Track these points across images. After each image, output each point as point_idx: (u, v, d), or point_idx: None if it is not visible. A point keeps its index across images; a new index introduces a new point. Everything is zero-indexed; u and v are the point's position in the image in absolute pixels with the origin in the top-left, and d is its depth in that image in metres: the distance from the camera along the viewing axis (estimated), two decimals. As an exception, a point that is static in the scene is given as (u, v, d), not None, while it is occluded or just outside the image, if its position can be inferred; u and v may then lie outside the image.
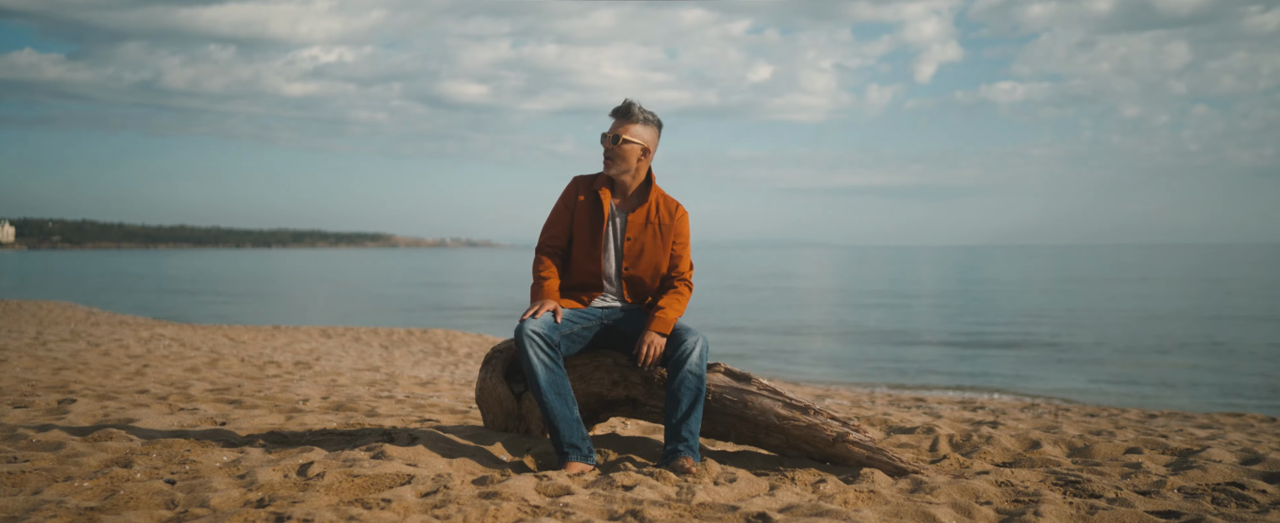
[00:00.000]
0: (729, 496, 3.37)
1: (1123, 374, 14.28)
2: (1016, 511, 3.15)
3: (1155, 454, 4.30)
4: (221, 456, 3.95)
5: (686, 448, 3.82)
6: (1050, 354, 16.62)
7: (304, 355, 11.94)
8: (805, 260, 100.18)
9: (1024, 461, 4.19)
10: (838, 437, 3.83)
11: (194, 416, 5.22)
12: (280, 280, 51.88)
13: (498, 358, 4.32)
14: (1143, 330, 20.63)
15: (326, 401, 6.03)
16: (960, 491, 3.41)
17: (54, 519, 2.98)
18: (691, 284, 4.17)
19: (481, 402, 4.35)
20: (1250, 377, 14.06)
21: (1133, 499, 3.31)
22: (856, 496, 3.35)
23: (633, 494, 3.29)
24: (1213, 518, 3.04)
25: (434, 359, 12.61)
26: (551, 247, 4.18)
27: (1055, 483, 3.63)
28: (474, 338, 15.78)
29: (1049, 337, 19.16)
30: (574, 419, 3.89)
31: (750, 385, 4.05)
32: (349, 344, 14.37)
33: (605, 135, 4.08)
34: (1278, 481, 3.74)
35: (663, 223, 4.10)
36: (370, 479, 3.49)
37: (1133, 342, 18.48)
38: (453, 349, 13.98)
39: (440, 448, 3.98)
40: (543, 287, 4.10)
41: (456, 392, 7.01)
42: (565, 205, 4.17)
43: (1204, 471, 3.86)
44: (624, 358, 4.18)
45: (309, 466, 3.69)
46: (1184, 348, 17.47)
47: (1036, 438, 4.62)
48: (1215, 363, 15.55)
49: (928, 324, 22.51)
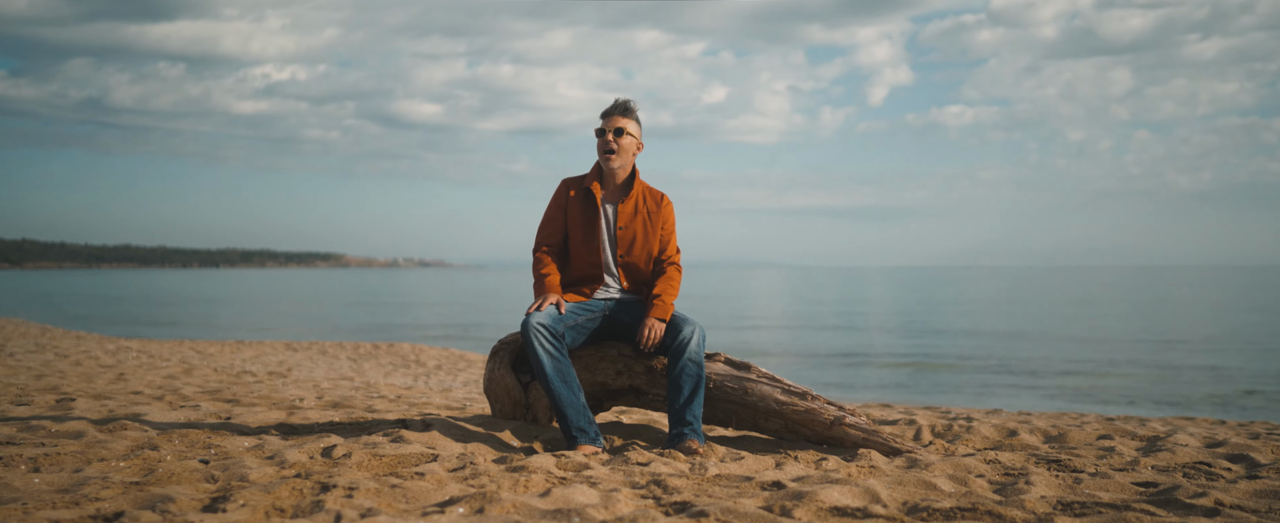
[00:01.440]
0: (740, 470, 3.59)
1: (1075, 391, 14.71)
2: (1008, 482, 3.41)
3: (1125, 440, 4.58)
4: (242, 442, 4.10)
5: (691, 431, 4.03)
6: (1003, 374, 17.03)
7: (275, 367, 11.98)
8: (758, 281, 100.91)
9: (1005, 446, 4.46)
10: (835, 420, 4.07)
11: (197, 411, 5.34)
12: (232, 299, 51.34)
13: (505, 350, 4.51)
14: (1090, 351, 21.18)
15: (321, 400, 6.17)
16: (953, 467, 3.66)
17: (107, 490, 3.12)
18: (681, 267, 4.43)
19: (489, 392, 4.53)
20: (1196, 391, 14.54)
21: (1112, 474, 3.58)
22: (858, 470, 3.59)
23: (649, 469, 3.50)
24: (1188, 486, 3.31)
25: (405, 371, 12.70)
26: (548, 245, 4.41)
27: (1039, 462, 3.90)
28: (442, 351, 15.86)
29: (1002, 357, 19.61)
30: (581, 405, 4.09)
31: (750, 373, 4.27)
32: (316, 357, 14.40)
33: (605, 130, 4.32)
34: (1241, 461, 4.03)
35: (651, 211, 4.36)
36: (397, 458, 3.66)
37: (1081, 361, 18.99)
38: (422, 362, 14.06)
39: (454, 434, 4.16)
40: (545, 282, 4.32)
41: (444, 395, 7.16)
42: (557, 205, 4.42)
43: (1173, 453, 4.14)
44: (628, 349, 4.40)
45: (332, 448, 3.85)
46: (1132, 366, 17.99)
47: (1013, 427, 4.90)
48: (1161, 381, 16.05)
49: (880, 344, 22.91)
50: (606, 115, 4.37)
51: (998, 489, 3.32)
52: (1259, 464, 3.94)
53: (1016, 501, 3.08)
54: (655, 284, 4.34)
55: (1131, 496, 3.24)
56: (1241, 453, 4.16)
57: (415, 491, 3.11)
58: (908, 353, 20.26)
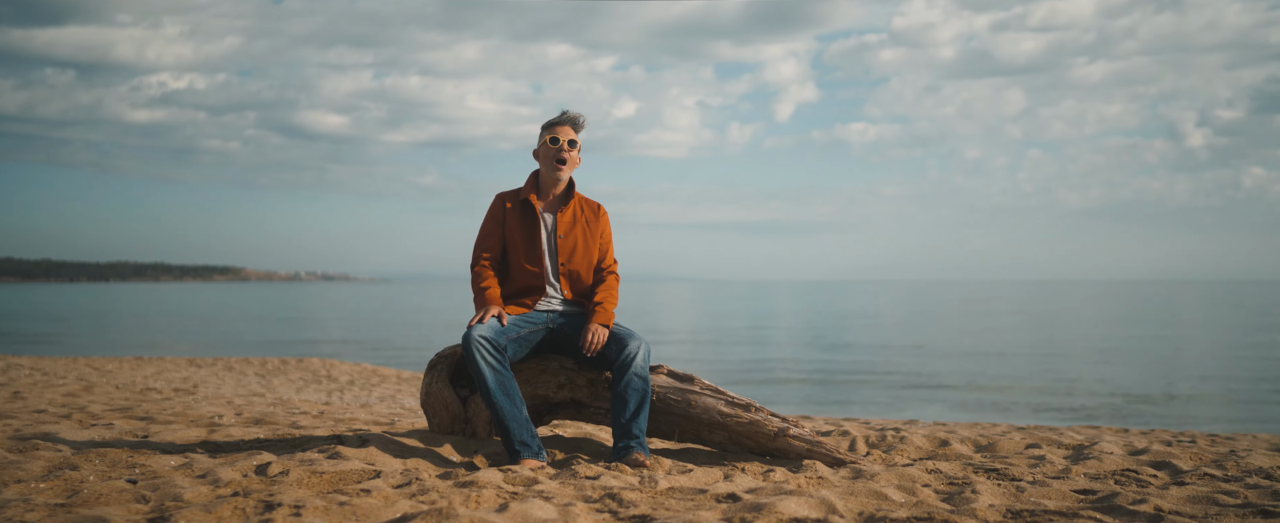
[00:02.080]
0: (690, 482, 3.57)
1: (980, 402, 15.07)
2: (954, 491, 3.45)
3: (1053, 449, 4.69)
4: (168, 460, 3.94)
5: (637, 444, 4.01)
6: (912, 388, 17.37)
7: (180, 383, 11.59)
8: (667, 295, 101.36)
9: (940, 455, 4.53)
10: (779, 432, 4.09)
11: (111, 430, 5.12)
12: (125, 314, 49.62)
13: (443, 363, 4.43)
14: (991, 363, 21.74)
15: (241, 416, 5.97)
16: (898, 477, 3.69)
17: (31, 513, 2.97)
18: (618, 275, 4.45)
19: (427, 406, 4.44)
20: (1092, 401, 15.03)
21: (1050, 482, 3.65)
22: (807, 481, 3.60)
23: (600, 483, 3.46)
24: (1126, 493, 3.39)
25: (317, 386, 12.42)
26: (487, 258, 4.36)
27: (977, 471, 3.97)
28: (353, 366, 15.55)
29: (909, 370, 20.01)
30: (524, 419, 4.04)
31: (693, 386, 4.27)
32: (222, 373, 13.99)
33: (558, 140, 4.29)
34: (1165, 468, 4.16)
35: (589, 219, 4.37)
36: (338, 475, 3.56)
37: (983, 373, 19.48)
38: (334, 377, 13.76)
39: (392, 450, 4.06)
40: (485, 295, 4.27)
41: (366, 410, 7.00)
42: (494, 220, 4.39)
43: (1100, 461, 4.26)
44: (570, 362, 4.36)
45: (267, 466, 3.73)
46: (1032, 376, 18.52)
47: (944, 437, 4.98)
48: (1060, 391, 16.55)
49: (789, 358, 23.18)
50: (557, 125, 4.35)
51: (946, 498, 3.36)
52: (1182, 471, 4.07)
53: (967, 509, 3.12)
54: (595, 292, 4.34)
55: (1074, 503, 3.31)
56: (1164, 461, 4.29)
57: (365, 508, 3.02)
58: (818, 366, 20.53)
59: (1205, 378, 17.97)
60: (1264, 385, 16.71)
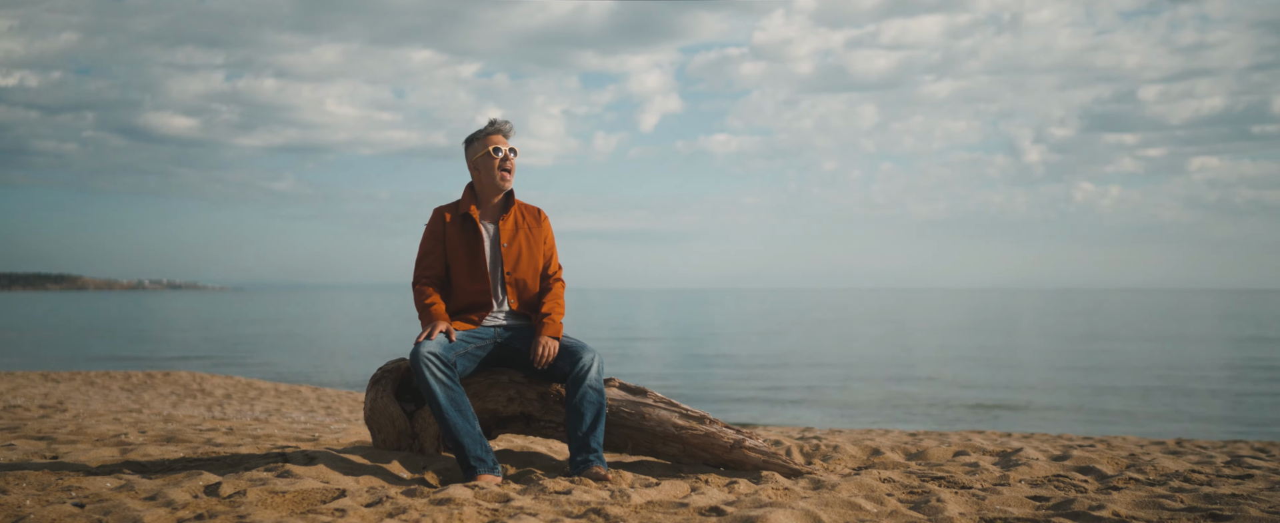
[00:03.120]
0: (661, 495, 3.58)
1: (850, 406, 15.53)
2: (919, 500, 3.56)
3: (981, 456, 4.88)
4: (103, 482, 3.74)
5: (596, 457, 4.00)
6: (785, 392, 17.76)
7: (43, 400, 10.96)
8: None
9: (878, 464, 4.65)
10: (735, 443, 4.14)
11: (14, 451, 4.82)
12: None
13: (387, 378, 4.33)
14: (852, 369, 22.42)
15: (147, 434, 5.69)
16: (857, 486, 3.79)
17: (-12, 542, 2.78)
18: (564, 282, 4.42)
19: (371, 421, 4.34)
20: (954, 405, 15.67)
21: (1000, 490, 3.79)
22: (776, 492, 3.66)
23: (574, 498, 3.44)
24: (1081, 498, 3.56)
25: (192, 401, 11.91)
26: (428, 276, 4.32)
27: (927, 479, 4.09)
28: (226, 379, 14.97)
29: (776, 377, 20.45)
30: (477, 434, 3.99)
31: (646, 398, 4.28)
32: (85, 388, 13.28)
33: (501, 149, 4.25)
34: (1091, 473, 4.37)
35: (531, 226, 4.34)
36: (300, 494, 3.44)
37: (846, 378, 20.07)
38: (207, 391, 13.23)
39: (341, 467, 3.95)
40: (431, 311, 4.21)
41: (282, 426, 6.76)
42: (433, 236, 4.33)
43: (1030, 467, 4.45)
44: (519, 375, 4.32)
45: (216, 486, 3.57)
46: (894, 382, 19.17)
47: (874, 446, 5.12)
48: (924, 396, 17.19)
49: (657, 366, 23.39)
50: (492, 135, 4.29)
51: (915, 507, 3.46)
52: (1108, 476, 4.29)
53: (943, 518, 3.22)
54: (542, 303, 4.30)
55: (1034, 510, 3.46)
56: (1088, 466, 4.51)
57: (350, 529, 2.93)
58: (686, 374, 20.78)
59: (1050, 383, 18.92)
60: (1101, 390, 17.69)
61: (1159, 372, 21.02)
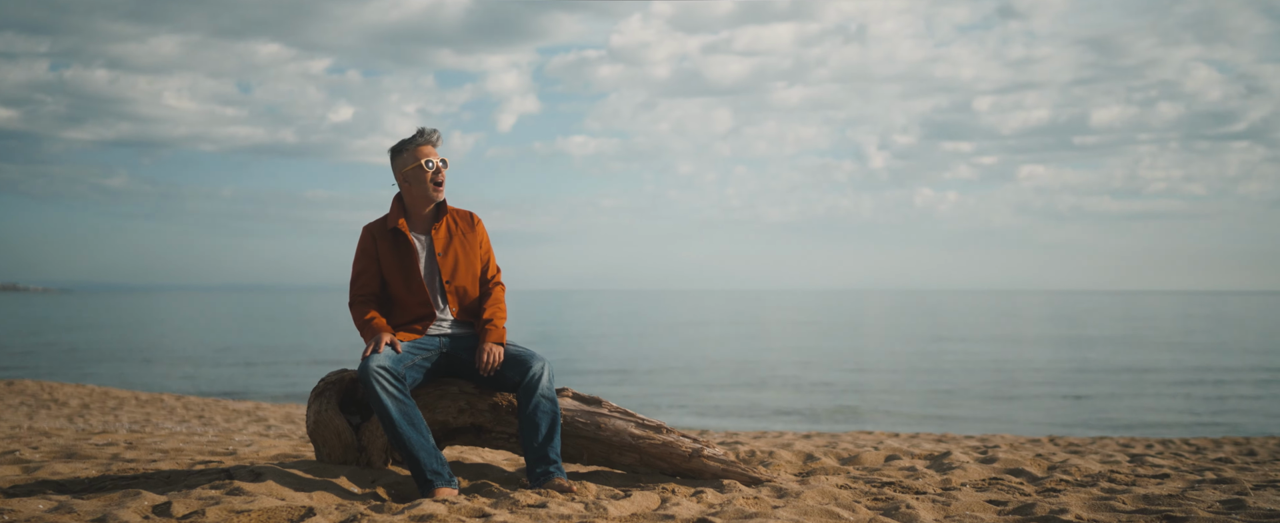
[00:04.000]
0: (637, 507, 3.55)
1: (726, 409, 15.79)
2: (888, 506, 3.63)
3: (910, 459, 5.02)
4: (31, 503, 3.49)
5: (557, 469, 3.94)
6: (654, 399, 17.91)
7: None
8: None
9: (819, 470, 4.73)
10: (693, 452, 4.14)
11: (-99, 470, 4.44)
12: None
13: (330, 390, 4.17)
14: (723, 370, 22.79)
15: (40, 451, 5.33)
16: (821, 494, 3.84)
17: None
18: (504, 285, 4.36)
19: (316, 436, 4.17)
20: (823, 406, 16.11)
21: (955, 496, 3.89)
22: (747, 501, 3.68)
23: (551, 512, 3.38)
24: (1039, 503, 3.70)
25: (46, 412, 11.21)
26: (365, 295, 4.23)
27: (882, 485, 4.18)
28: (78, 388, 14.15)
29: (644, 380, 20.60)
30: (432, 447, 3.89)
31: (601, 408, 4.25)
32: (-79, 398, 12.34)
33: (432, 164, 4.16)
34: (1021, 475, 4.56)
35: (465, 231, 4.27)
36: (264, 513, 3.28)
37: (719, 380, 20.39)
38: (61, 401, 12.47)
39: (291, 483, 3.78)
40: (372, 325, 4.11)
41: (189, 439, 6.42)
42: (365, 255, 4.24)
43: (964, 471, 4.60)
44: (469, 386, 4.23)
45: (165, 506, 3.38)
46: (759, 385, 19.58)
47: (809, 452, 5.21)
48: (797, 397, 17.61)
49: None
50: (421, 145, 4.19)
51: (887, 513, 3.53)
52: (1038, 477, 4.47)
53: (922, 523, 3.30)
54: (484, 309, 4.23)
55: (997, 515, 3.57)
56: (1016, 468, 4.70)
57: (344, 551, 2.81)
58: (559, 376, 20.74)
59: (896, 384, 19.65)
60: (953, 389, 18.50)
61: (993, 372, 22.07)
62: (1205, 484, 4.23)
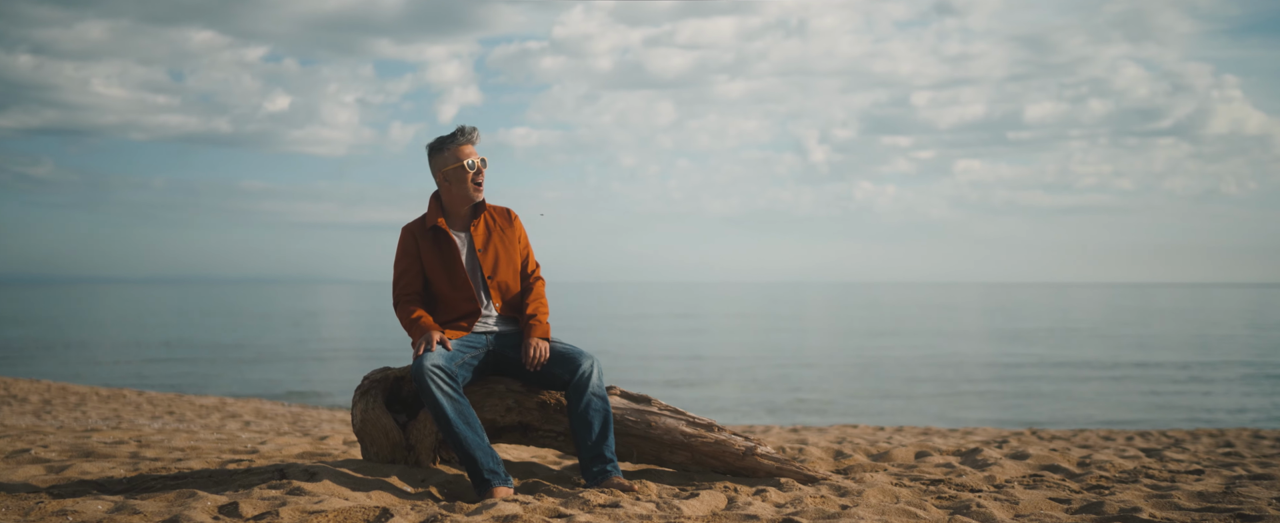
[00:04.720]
0: (705, 508, 3.52)
1: (690, 402, 15.84)
2: (956, 506, 3.63)
3: (942, 456, 5.04)
4: (91, 504, 3.37)
5: (613, 467, 3.91)
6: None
7: None
8: (328, 298, 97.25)
9: (856, 467, 4.72)
10: (747, 451, 4.12)
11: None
12: None
13: (376, 389, 4.09)
14: (675, 366, 22.87)
15: (51, 449, 5.16)
16: (881, 492, 3.85)
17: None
18: (544, 279, 4.33)
19: (364, 434, 4.08)
20: (783, 399, 16.24)
21: (1016, 496, 3.88)
22: (814, 499, 3.67)
23: (630, 512, 3.34)
24: (1107, 502, 3.74)
25: (8, 408, 10.88)
26: (408, 294, 4.18)
27: (927, 482, 4.20)
28: (36, 384, 13.75)
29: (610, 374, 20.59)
30: (488, 446, 3.84)
31: (651, 406, 4.21)
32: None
33: (473, 165, 4.11)
34: (1058, 472, 4.59)
35: (503, 227, 4.24)
36: (340, 514, 3.21)
37: (672, 373, 20.45)
38: (22, 397, 12.10)
39: (347, 483, 3.71)
40: (419, 323, 4.05)
41: (195, 436, 6.25)
42: (407, 254, 4.19)
43: (1001, 467, 4.63)
44: (516, 384, 4.18)
45: (233, 506, 3.29)
46: (713, 379, 19.68)
47: (836, 448, 5.22)
48: (755, 391, 17.74)
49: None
50: (462, 144, 4.14)
51: (959, 511, 3.54)
52: (1076, 474, 4.51)
53: None
54: (526, 305, 4.19)
55: (1065, 513, 3.60)
56: (1052, 465, 4.73)
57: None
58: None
59: (843, 377, 19.89)
60: (912, 382, 18.75)
61: (941, 367, 22.41)
62: (1247, 480, 4.31)
